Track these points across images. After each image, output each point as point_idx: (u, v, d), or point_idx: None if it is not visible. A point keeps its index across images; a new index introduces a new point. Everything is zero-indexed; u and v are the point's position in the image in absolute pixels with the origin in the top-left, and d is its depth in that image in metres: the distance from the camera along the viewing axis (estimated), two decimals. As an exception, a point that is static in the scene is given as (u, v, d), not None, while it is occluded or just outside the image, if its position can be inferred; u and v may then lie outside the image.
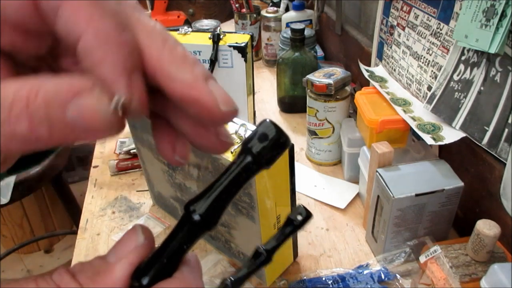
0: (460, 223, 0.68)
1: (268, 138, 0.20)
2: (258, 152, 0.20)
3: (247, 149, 0.20)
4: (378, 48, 0.89)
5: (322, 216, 0.76)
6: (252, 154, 0.20)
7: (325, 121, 0.83)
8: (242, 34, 0.86)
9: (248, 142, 0.20)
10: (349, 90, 0.84)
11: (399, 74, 0.80)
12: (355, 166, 0.78)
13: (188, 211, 0.20)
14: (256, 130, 0.20)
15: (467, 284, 0.51)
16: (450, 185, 0.58)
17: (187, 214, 0.20)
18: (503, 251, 0.54)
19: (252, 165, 0.20)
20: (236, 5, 1.32)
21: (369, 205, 0.66)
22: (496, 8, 0.52)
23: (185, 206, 0.20)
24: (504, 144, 0.55)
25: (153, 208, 0.80)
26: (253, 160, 0.20)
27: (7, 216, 1.63)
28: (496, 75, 0.55)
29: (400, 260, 0.62)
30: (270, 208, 0.55)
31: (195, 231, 0.20)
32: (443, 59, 0.66)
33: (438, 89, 0.67)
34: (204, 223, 0.20)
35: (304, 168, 0.88)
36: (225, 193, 0.20)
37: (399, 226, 0.60)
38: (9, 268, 1.72)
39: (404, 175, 0.60)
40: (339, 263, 0.67)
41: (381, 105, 0.73)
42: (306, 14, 1.25)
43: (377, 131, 0.69)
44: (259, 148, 0.20)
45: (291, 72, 1.00)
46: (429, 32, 0.69)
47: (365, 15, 1.03)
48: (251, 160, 0.20)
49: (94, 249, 0.71)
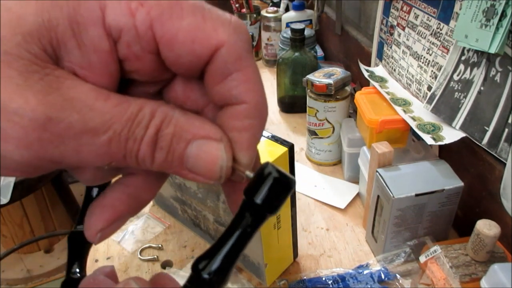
0: (460, 223, 0.68)
1: (271, 185, 0.19)
2: (262, 202, 0.19)
3: (250, 200, 0.19)
4: (378, 48, 0.89)
5: (322, 216, 0.76)
6: (256, 205, 0.19)
7: (325, 121, 0.83)
8: (242, 34, 0.86)
9: (250, 192, 0.19)
10: (349, 90, 0.84)
11: (399, 74, 0.80)
12: (355, 166, 0.78)
13: (197, 270, 0.19)
14: (256, 176, 0.19)
15: (467, 284, 0.51)
16: (450, 185, 0.58)
17: (196, 273, 0.19)
18: (503, 251, 0.54)
19: (257, 218, 0.19)
20: (236, 5, 1.32)
21: (369, 205, 0.66)
22: (496, 8, 0.52)
23: (193, 266, 0.19)
24: (504, 144, 0.55)
25: (153, 208, 0.80)
26: (257, 213, 0.19)
27: (7, 216, 1.63)
28: (496, 75, 0.55)
29: (400, 260, 0.62)
30: (270, 208, 0.55)
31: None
32: (443, 59, 0.66)
33: (438, 89, 0.67)
34: (215, 282, 0.19)
35: (304, 168, 0.88)
36: (233, 251, 0.19)
37: (399, 226, 0.60)
38: (9, 268, 1.72)
39: (404, 175, 0.60)
40: (339, 263, 0.67)
41: (381, 105, 0.73)
42: (306, 14, 1.25)
43: (377, 131, 0.69)
44: (263, 198, 0.19)
45: (291, 72, 1.00)
46: (429, 32, 0.69)
47: (365, 15, 1.03)
48: (255, 213, 0.19)
49: (94, 249, 0.71)
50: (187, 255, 0.69)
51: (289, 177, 0.19)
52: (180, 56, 0.17)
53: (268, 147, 0.53)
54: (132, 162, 0.17)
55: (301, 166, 0.88)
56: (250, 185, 0.19)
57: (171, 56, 0.17)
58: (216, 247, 0.19)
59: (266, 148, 0.53)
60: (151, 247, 0.71)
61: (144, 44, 0.17)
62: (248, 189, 0.19)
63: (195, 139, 0.18)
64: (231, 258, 0.19)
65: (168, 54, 0.17)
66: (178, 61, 0.18)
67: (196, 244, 0.71)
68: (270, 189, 0.19)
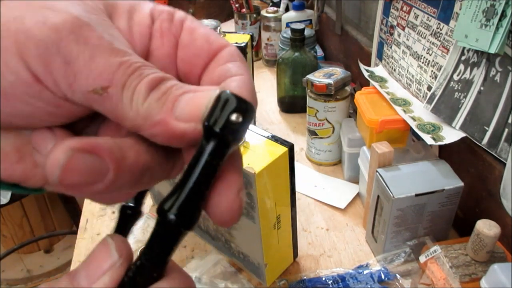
0: (460, 223, 0.68)
1: (228, 109, 0.18)
2: (221, 129, 0.17)
3: (209, 128, 0.18)
4: (378, 48, 0.89)
5: (322, 216, 0.76)
6: (216, 134, 0.18)
7: (325, 121, 0.83)
8: (242, 34, 0.86)
9: (208, 120, 0.18)
10: (349, 90, 0.84)
11: (399, 74, 0.80)
12: (355, 166, 0.78)
13: (162, 212, 0.18)
14: (214, 104, 0.18)
15: (467, 284, 0.51)
16: (450, 185, 0.58)
17: (162, 215, 0.18)
18: (503, 251, 0.54)
19: (219, 145, 0.18)
20: (236, 5, 1.32)
21: (369, 205, 0.66)
22: (496, 8, 0.52)
23: (158, 209, 0.18)
24: (504, 144, 0.55)
25: (153, 208, 0.80)
26: (219, 141, 0.18)
27: (7, 216, 1.63)
28: (496, 75, 0.55)
29: (400, 260, 0.62)
30: (270, 208, 0.55)
31: (173, 232, 0.18)
32: (443, 59, 0.66)
33: (438, 89, 0.67)
34: (182, 221, 0.18)
35: (304, 168, 0.88)
36: (198, 186, 0.18)
37: (399, 226, 0.60)
38: (9, 268, 1.72)
39: (404, 175, 0.60)
40: (339, 263, 0.67)
41: (381, 105, 0.73)
42: (306, 14, 1.25)
43: (377, 131, 0.69)
44: (222, 125, 0.17)
45: (291, 72, 1.00)
46: (429, 32, 0.69)
47: (365, 15, 1.03)
48: (217, 141, 0.18)
49: (94, 249, 0.71)
50: (187, 255, 0.69)
51: (247, 101, 0.18)
52: (196, 52, 0.21)
53: (268, 147, 0.53)
54: (127, 95, 0.18)
55: (301, 166, 0.88)
56: (207, 114, 0.18)
57: (189, 52, 0.21)
58: (180, 184, 0.18)
59: (266, 148, 0.53)
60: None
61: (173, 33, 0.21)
62: (206, 118, 0.18)
63: (194, 91, 0.19)
64: (197, 194, 0.18)
65: (186, 51, 0.21)
66: (193, 55, 0.21)
67: (196, 244, 0.71)
68: (228, 113, 0.17)
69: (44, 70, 0.17)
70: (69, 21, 0.17)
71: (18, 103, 0.18)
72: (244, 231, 0.58)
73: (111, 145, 0.17)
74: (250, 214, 0.54)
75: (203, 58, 0.21)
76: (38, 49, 0.17)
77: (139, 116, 0.18)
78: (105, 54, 0.17)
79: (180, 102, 0.18)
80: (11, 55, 0.17)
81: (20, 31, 0.17)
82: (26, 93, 0.18)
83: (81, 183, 0.17)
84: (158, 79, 0.18)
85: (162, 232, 0.18)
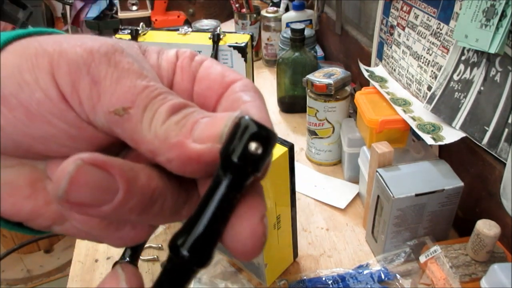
0: (460, 223, 0.68)
1: (248, 137, 0.16)
2: (240, 159, 0.16)
3: (226, 158, 0.16)
4: (378, 48, 0.89)
5: (322, 216, 0.76)
6: (234, 165, 0.16)
7: (325, 121, 0.83)
8: (242, 34, 0.86)
9: (226, 149, 0.16)
10: (349, 90, 0.84)
11: (399, 74, 0.80)
12: (355, 166, 0.78)
13: (175, 247, 0.16)
14: (232, 131, 0.16)
15: (467, 284, 0.51)
16: (450, 185, 0.58)
17: (174, 251, 0.16)
18: (503, 251, 0.54)
19: (238, 179, 0.16)
20: (236, 5, 1.32)
21: (369, 205, 0.66)
22: (496, 8, 0.52)
23: (170, 244, 0.17)
24: (504, 144, 0.55)
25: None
26: (237, 173, 0.16)
27: (7, 216, 1.63)
28: (496, 75, 0.55)
29: (400, 260, 0.62)
30: (270, 208, 0.55)
31: (186, 270, 0.17)
32: (443, 59, 0.66)
33: (438, 89, 0.67)
34: (195, 259, 0.16)
35: (304, 168, 0.88)
36: (215, 220, 0.17)
37: (399, 226, 0.60)
38: (9, 268, 1.72)
39: (404, 175, 0.60)
40: (339, 263, 0.67)
41: (381, 105, 0.73)
42: (306, 14, 1.25)
43: (377, 131, 0.69)
44: (240, 154, 0.16)
45: (291, 72, 1.00)
46: (429, 32, 0.69)
47: (365, 15, 1.03)
48: (235, 173, 0.16)
49: (94, 249, 0.71)
50: (187, 255, 0.69)
51: (268, 128, 0.17)
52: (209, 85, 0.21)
53: (268, 147, 0.53)
54: (147, 116, 0.17)
55: (301, 166, 0.88)
56: (225, 144, 0.16)
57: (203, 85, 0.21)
58: (194, 218, 0.17)
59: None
60: (151, 247, 0.71)
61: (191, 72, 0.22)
62: (223, 149, 0.16)
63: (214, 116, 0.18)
64: (213, 229, 0.17)
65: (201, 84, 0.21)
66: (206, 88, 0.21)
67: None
68: (248, 142, 0.16)
69: (71, 88, 0.17)
70: (104, 46, 0.18)
71: (41, 122, 0.18)
72: (244, 231, 0.58)
73: (123, 164, 0.17)
74: (250, 214, 0.54)
75: (216, 90, 0.21)
76: (69, 67, 0.17)
77: (157, 138, 0.17)
78: (132, 77, 0.18)
79: (199, 125, 0.17)
80: (43, 73, 0.17)
81: (56, 52, 0.18)
82: (50, 112, 0.18)
83: (89, 200, 0.16)
84: (181, 104, 0.18)
85: (173, 269, 0.17)
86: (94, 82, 0.17)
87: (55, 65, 0.17)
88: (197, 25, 1.15)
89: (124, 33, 0.86)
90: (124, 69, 0.18)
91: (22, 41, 0.19)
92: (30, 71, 0.17)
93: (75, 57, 0.17)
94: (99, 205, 0.16)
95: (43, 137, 0.18)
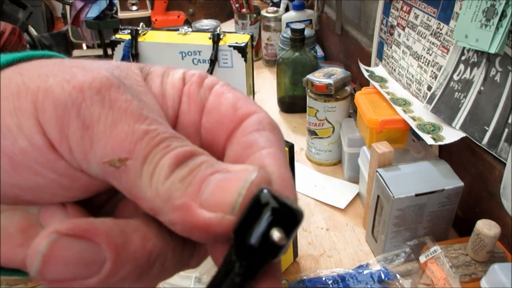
0: (460, 223, 0.68)
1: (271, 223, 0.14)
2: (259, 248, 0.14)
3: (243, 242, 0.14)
4: (378, 48, 0.89)
5: (322, 216, 0.76)
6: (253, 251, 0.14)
7: (325, 121, 0.83)
8: (242, 34, 0.86)
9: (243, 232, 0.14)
10: (349, 90, 0.84)
11: (399, 74, 0.80)
12: (355, 166, 0.78)
13: None
14: (249, 208, 0.14)
15: (467, 284, 0.51)
16: (450, 185, 0.58)
17: None
18: (503, 251, 0.54)
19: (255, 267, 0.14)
20: (236, 5, 1.32)
21: (369, 205, 0.66)
22: (496, 8, 0.52)
23: None
24: (504, 144, 0.55)
25: None
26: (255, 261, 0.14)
27: (7, 216, 1.63)
28: (496, 75, 0.55)
29: (400, 260, 0.62)
30: (270, 208, 0.55)
31: None
32: (443, 59, 0.66)
33: (438, 89, 0.67)
34: None
35: (304, 168, 0.88)
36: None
37: (399, 226, 0.60)
38: (9, 268, 1.72)
39: (404, 175, 0.60)
40: (339, 263, 0.67)
41: (381, 105, 0.73)
42: (306, 14, 1.25)
43: (377, 131, 0.69)
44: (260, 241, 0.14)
45: (291, 72, 1.00)
46: (429, 32, 0.69)
47: (365, 15, 1.03)
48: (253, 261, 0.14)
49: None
50: (187, 255, 0.69)
51: (294, 207, 0.14)
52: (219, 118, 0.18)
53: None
54: (147, 170, 0.15)
55: (301, 166, 0.88)
56: (240, 222, 0.14)
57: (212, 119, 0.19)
58: None
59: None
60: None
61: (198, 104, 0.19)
62: (238, 228, 0.14)
63: (226, 171, 0.16)
64: None
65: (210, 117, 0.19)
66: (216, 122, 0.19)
67: None
68: (270, 227, 0.14)
69: (59, 135, 0.15)
70: (97, 80, 0.15)
71: (27, 173, 0.16)
72: (244, 231, 0.58)
73: (110, 227, 0.15)
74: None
75: (227, 126, 0.18)
76: (56, 111, 0.15)
77: (158, 198, 0.15)
78: (130, 120, 0.15)
79: (209, 185, 0.15)
80: (26, 117, 0.15)
81: (40, 90, 0.15)
82: (37, 162, 0.15)
83: (68, 277, 0.14)
84: (186, 154, 0.15)
85: None
86: (85, 127, 0.15)
87: (39, 107, 0.15)
88: (197, 25, 1.15)
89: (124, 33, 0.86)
90: (120, 110, 0.15)
91: (6, 72, 0.16)
92: (11, 114, 0.15)
93: (63, 96, 0.15)
94: (82, 280, 0.14)
95: (31, 188, 0.16)
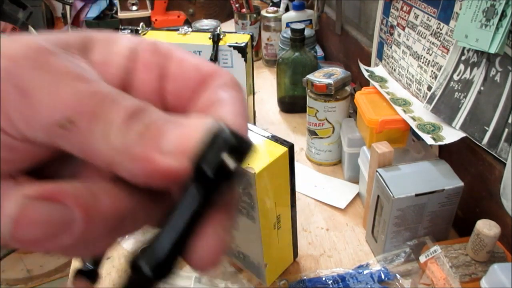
0: (460, 223, 0.68)
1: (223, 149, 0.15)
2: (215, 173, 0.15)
3: (199, 171, 0.15)
4: (378, 48, 0.89)
5: (322, 216, 0.76)
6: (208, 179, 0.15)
7: (325, 121, 0.83)
8: (242, 34, 0.86)
9: (200, 161, 0.15)
10: (349, 90, 0.84)
11: (399, 74, 0.80)
12: (355, 166, 0.78)
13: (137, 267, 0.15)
14: (206, 141, 0.15)
15: (467, 284, 0.51)
16: (450, 185, 0.58)
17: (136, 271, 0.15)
18: (503, 251, 0.54)
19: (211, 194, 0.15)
20: (236, 5, 1.32)
21: (369, 205, 0.66)
22: (496, 8, 0.52)
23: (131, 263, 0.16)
24: (504, 144, 0.55)
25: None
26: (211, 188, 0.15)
27: (7, 216, 1.63)
28: (496, 75, 0.55)
29: (400, 260, 0.62)
30: (270, 208, 0.55)
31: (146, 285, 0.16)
32: (443, 59, 0.66)
33: (438, 89, 0.67)
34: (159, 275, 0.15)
35: (304, 168, 0.88)
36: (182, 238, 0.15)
37: (399, 226, 0.60)
38: (9, 268, 1.72)
39: (404, 175, 0.60)
40: (339, 263, 0.67)
41: (381, 105, 0.73)
42: (306, 14, 1.25)
43: (377, 131, 0.69)
44: (215, 167, 0.15)
45: (291, 72, 1.00)
46: (429, 32, 0.69)
47: (365, 15, 1.03)
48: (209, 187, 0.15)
49: (94, 249, 0.71)
50: (187, 255, 0.69)
51: (245, 138, 0.16)
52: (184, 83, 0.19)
53: (268, 147, 0.53)
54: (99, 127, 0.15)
55: (301, 166, 0.88)
56: (199, 154, 0.15)
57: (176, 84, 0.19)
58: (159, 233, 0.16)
59: (266, 148, 0.53)
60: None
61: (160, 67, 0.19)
62: (197, 158, 0.15)
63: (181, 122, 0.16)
64: (179, 247, 0.16)
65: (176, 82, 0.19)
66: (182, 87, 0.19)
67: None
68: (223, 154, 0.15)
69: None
70: (28, 47, 0.15)
71: None
72: (244, 231, 0.58)
73: (79, 189, 0.15)
74: (250, 214, 0.54)
75: (191, 88, 0.18)
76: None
77: (115, 150, 0.15)
78: (72, 82, 0.15)
79: (168, 135, 0.15)
80: None
81: None
82: None
83: (40, 237, 0.14)
84: (137, 108, 0.16)
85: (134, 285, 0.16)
86: (24, 95, 0.14)
87: None
88: (197, 25, 1.15)
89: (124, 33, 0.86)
90: (60, 73, 0.15)
91: None
92: None
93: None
94: (54, 238, 0.14)
95: None
